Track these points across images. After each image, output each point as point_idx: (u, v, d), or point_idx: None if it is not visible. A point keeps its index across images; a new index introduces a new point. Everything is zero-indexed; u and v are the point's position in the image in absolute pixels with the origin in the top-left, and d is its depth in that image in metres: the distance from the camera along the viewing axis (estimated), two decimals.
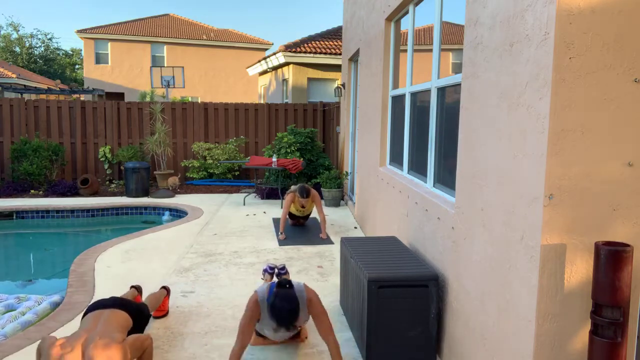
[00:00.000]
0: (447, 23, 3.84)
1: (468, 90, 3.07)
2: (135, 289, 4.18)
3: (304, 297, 3.26)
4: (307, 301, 3.25)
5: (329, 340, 3.18)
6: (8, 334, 3.89)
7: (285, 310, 3.00)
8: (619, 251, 1.98)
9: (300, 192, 6.69)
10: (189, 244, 6.47)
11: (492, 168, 2.71)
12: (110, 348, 2.85)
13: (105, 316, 3.21)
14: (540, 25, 2.21)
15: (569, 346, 2.25)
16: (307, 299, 3.25)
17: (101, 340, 2.87)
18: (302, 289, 3.28)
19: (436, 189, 3.98)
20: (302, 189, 6.70)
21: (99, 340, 2.87)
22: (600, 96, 2.13)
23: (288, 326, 3.06)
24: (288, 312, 3.00)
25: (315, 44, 15.07)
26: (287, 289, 3.08)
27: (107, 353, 2.82)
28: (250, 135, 12.05)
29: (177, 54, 28.56)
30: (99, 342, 2.85)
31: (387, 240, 4.24)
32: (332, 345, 3.16)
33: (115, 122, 11.62)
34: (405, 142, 5.00)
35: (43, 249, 6.89)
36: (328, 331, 3.20)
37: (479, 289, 2.86)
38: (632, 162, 2.16)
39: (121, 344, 2.90)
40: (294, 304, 3.02)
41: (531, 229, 2.28)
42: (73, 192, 10.18)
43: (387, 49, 5.78)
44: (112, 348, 2.85)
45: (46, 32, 57.48)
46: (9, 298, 4.63)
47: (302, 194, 6.69)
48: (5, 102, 11.13)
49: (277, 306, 3.00)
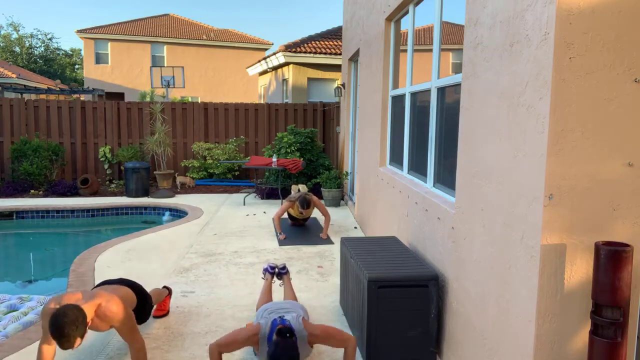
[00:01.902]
0: (447, 23, 3.84)
1: (468, 90, 3.07)
2: None
3: (304, 336, 3.17)
4: (309, 337, 3.17)
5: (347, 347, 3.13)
6: (10, 334, 3.89)
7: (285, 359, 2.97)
8: (619, 251, 1.98)
9: (301, 203, 6.60)
10: (189, 244, 6.47)
11: (492, 168, 2.71)
12: (112, 297, 3.08)
13: (111, 288, 3.36)
14: (540, 25, 2.21)
15: (569, 346, 2.25)
16: (308, 335, 3.17)
17: (103, 292, 3.10)
18: (301, 328, 3.19)
19: (436, 189, 3.98)
20: (302, 200, 6.59)
21: (101, 291, 3.12)
22: (600, 96, 2.13)
23: None
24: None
25: (315, 44, 15.07)
26: (287, 338, 3.01)
27: (107, 299, 3.05)
28: (250, 135, 12.05)
29: (177, 54, 28.56)
30: (99, 292, 3.10)
31: (387, 240, 4.24)
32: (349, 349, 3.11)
33: (115, 122, 11.62)
34: (405, 142, 5.00)
35: (43, 249, 6.89)
36: (342, 342, 3.14)
37: (479, 289, 2.86)
38: (632, 162, 2.16)
39: (122, 300, 3.13)
40: (293, 354, 2.95)
41: (531, 229, 2.28)
42: (73, 192, 10.18)
43: (387, 49, 5.78)
44: (112, 297, 3.08)
45: (46, 32, 57.55)
46: (12, 298, 4.63)
47: (303, 205, 6.61)
48: (5, 102, 11.13)
49: (277, 357, 2.97)
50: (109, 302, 3.01)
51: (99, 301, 2.99)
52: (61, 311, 2.72)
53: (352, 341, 3.14)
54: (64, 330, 2.69)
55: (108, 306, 3.00)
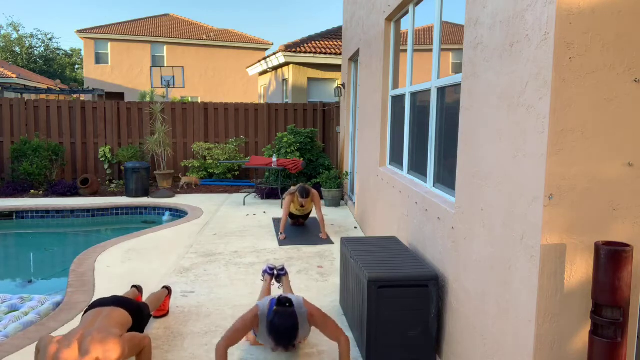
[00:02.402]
0: (447, 23, 3.84)
1: (468, 90, 3.07)
2: (136, 288, 4.18)
3: (304, 312, 3.21)
4: (308, 315, 3.20)
5: (340, 341, 3.15)
6: (10, 334, 3.89)
7: (284, 329, 2.96)
8: (619, 251, 1.98)
9: (301, 192, 6.80)
10: (189, 244, 6.47)
11: (492, 168, 2.71)
12: (107, 341, 2.84)
13: (105, 313, 3.21)
14: (540, 25, 2.21)
15: (569, 346, 2.25)
16: (308, 313, 3.20)
17: (98, 335, 2.86)
18: (301, 304, 3.23)
19: (436, 189, 3.98)
20: (302, 189, 6.81)
21: (96, 334, 2.86)
22: (600, 96, 2.13)
23: (286, 345, 3.02)
24: (287, 331, 2.97)
25: (315, 44, 15.07)
26: (287, 307, 3.05)
27: (104, 346, 2.81)
28: (250, 135, 12.05)
29: (177, 54, 28.56)
30: (95, 336, 2.84)
31: (387, 240, 4.24)
32: (343, 345, 3.13)
33: (115, 122, 11.62)
34: (405, 142, 5.00)
35: (43, 249, 6.89)
36: (337, 334, 3.17)
37: (479, 289, 2.86)
38: (632, 162, 2.16)
39: (118, 338, 2.89)
40: (293, 322, 2.98)
41: (531, 229, 2.28)
42: (73, 192, 10.18)
43: (387, 49, 5.78)
44: (109, 341, 2.85)
45: (46, 32, 57.55)
46: (13, 298, 4.63)
47: (302, 194, 6.78)
48: (5, 102, 11.13)
49: (276, 325, 2.97)
50: (106, 353, 2.84)
51: (95, 355, 2.82)
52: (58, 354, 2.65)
53: (345, 336, 3.18)
54: None
55: (107, 357, 2.84)
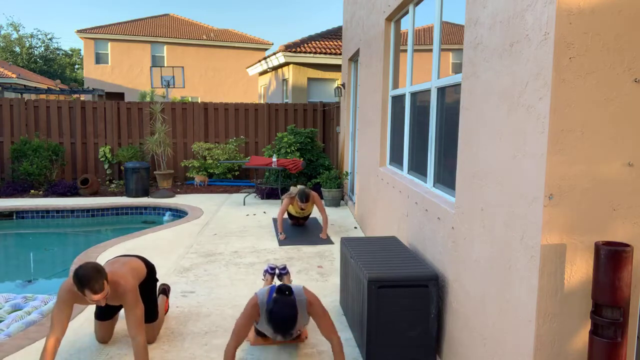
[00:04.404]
0: (447, 23, 3.84)
1: (468, 90, 3.07)
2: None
3: (304, 299, 3.22)
4: (307, 304, 3.22)
5: (332, 340, 3.16)
6: (12, 334, 3.89)
7: (283, 317, 2.96)
8: (619, 251, 1.98)
9: (300, 196, 6.62)
10: (189, 244, 6.47)
11: (492, 168, 2.71)
12: (123, 273, 3.33)
13: (123, 260, 3.59)
14: (540, 25, 2.21)
15: (569, 346, 2.25)
16: (307, 301, 3.22)
17: (114, 268, 3.36)
18: (301, 292, 3.25)
19: (436, 189, 3.98)
20: (301, 193, 6.63)
21: (113, 267, 3.38)
22: (600, 96, 2.13)
23: (285, 334, 3.02)
24: (286, 320, 2.96)
25: (315, 44, 15.07)
26: (286, 295, 3.05)
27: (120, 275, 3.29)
28: (250, 135, 12.05)
29: (177, 54, 28.56)
30: (113, 269, 3.35)
31: (387, 240, 4.24)
32: (335, 345, 3.15)
33: (115, 122, 11.62)
34: (405, 142, 5.00)
35: (43, 249, 6.89)
36: (331, 331, 3.18)
37: (479, 289, 2.86)
38: (632, 162, 2.16)
39: (131, 278, 3.35)
40: (292, 311, 2.98)
41: (531, 229, 2.28)
42: (73, 192, 10.18)
43: (387, 49, 5.78)
44: (124, 274, 3.33)
45: (46, 32, 57.52)
46: (17, 297, 4.63)
47: (302, 199, 6.62)
48: (5, 102, 11.13)
49: (275, 313, 2.97)
50: (120, 279, 3.27)
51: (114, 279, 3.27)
52: (81, 264, 3.03)
53: (338, 336, 3.20)
54: (89, 273, 2.96)
55: (123, 283, 3.28)
